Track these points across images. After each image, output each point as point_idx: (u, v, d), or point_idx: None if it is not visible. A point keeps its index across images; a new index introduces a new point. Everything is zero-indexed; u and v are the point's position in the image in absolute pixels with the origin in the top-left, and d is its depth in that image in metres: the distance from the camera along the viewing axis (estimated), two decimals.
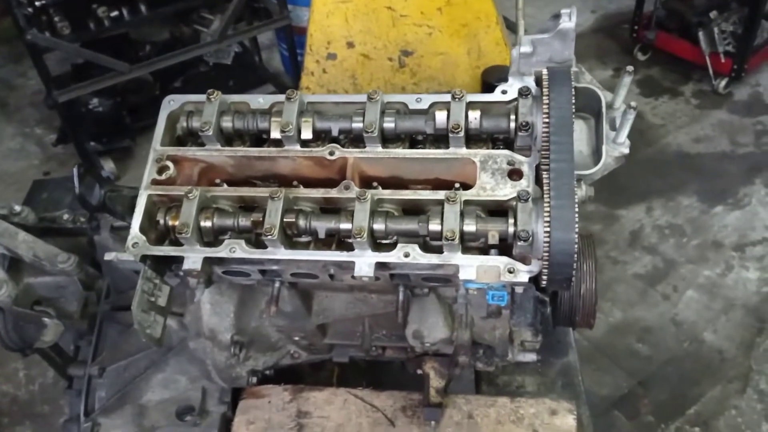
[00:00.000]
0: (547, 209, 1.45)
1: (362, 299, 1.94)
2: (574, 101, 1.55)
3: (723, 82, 5.25)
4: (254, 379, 2.07)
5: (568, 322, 2.00)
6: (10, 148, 5.43)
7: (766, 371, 3.56)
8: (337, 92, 3.51)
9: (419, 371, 2.01)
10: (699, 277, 4.04)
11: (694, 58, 5.31)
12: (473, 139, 1.73)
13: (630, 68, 1.70)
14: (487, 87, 3.10)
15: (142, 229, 1.68)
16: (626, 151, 1.70)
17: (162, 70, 4.70)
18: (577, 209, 1.45)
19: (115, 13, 4.40)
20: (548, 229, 1.45)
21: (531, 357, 2.01)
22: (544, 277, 1.50)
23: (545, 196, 1.47)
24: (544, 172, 1.53)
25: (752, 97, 5.31)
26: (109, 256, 1.64)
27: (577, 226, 1.44)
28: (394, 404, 1.98)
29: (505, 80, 1.75)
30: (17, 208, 2.14)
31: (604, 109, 1.68)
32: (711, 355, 3.65)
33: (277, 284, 1.84)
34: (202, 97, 1.81)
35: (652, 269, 4.12)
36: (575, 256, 1.44)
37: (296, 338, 2.07)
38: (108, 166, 4.92)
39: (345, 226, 1.62)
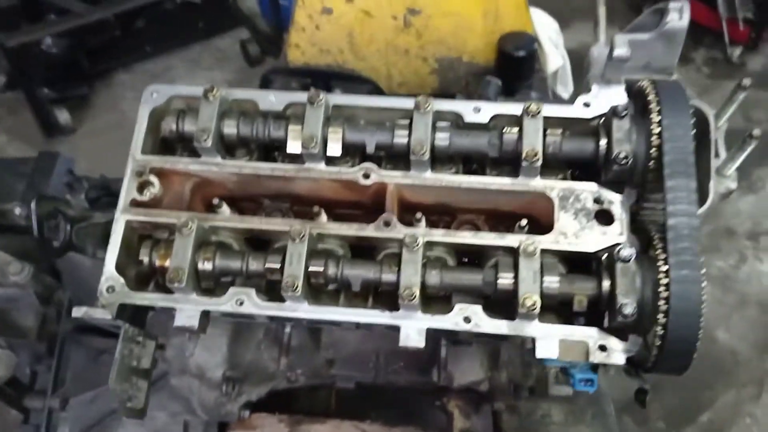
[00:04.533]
0: (665, 281, 1.11)
1: (381, 334, 1.62)
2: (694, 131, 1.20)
3: (738, 51, 4.90)
4: (247, 413, 1.78)
5: None
6: None
7: None
8: (331, 52, 3.07)
9: (438, 403, 1.77)
10: (711, 268, 3.78)
11: (709, 22, 4.93)
12: (546, 164, 1.36)
13: (746, 82, 1.33)
14: (504, 56, 2.72)
15: (118, 268, 1.30)
16: (734, 186, 1.35)
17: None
18: (704, 280, 1.12)
19: None
20: (665, 306, 1.11)
21: (567, 390, 1.82)
22: (651, 363, 1.17)
23: (660, 262, 1.13)
24: (652, 225, 1.18)
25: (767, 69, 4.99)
26: (77, 312, 1.24)
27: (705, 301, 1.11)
28: None
29: (525, 49, 1.38)
30: None
31: (713, 135, 1.33)
32: (724, 357, 3.42)
33: (288, 329, 1.50)
34: (192, 90, 1.43)
35: None
36: (698, 343, 1.12)
37: (299, 371, 1.76)
38: (63, 116, 4.43)
39: (388, 277, 1.25)
